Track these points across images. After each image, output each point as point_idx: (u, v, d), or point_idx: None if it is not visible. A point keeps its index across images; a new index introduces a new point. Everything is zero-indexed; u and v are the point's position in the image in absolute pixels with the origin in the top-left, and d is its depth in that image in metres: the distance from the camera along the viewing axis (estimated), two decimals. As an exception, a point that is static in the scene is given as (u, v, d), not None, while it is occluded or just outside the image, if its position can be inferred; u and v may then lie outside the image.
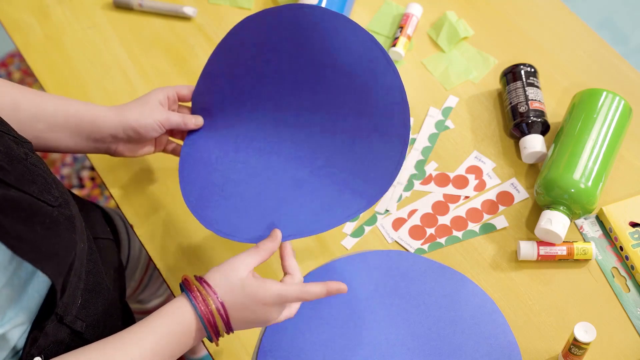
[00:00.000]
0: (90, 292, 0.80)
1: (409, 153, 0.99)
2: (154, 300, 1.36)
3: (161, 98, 0.87)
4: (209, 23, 1.12)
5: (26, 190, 0.67)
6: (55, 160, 1.87)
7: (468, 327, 0.86)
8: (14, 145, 0.71)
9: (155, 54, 1.09)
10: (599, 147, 0.91)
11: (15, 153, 0.70)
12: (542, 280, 0.90)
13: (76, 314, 0.76)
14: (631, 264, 0.89)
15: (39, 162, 0.74)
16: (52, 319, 0.71)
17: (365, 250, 0.92)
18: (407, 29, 1.07)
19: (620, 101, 0.94)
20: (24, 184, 0.68)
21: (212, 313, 0.73)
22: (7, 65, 2.01)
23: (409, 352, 0.85)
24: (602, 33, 1.93)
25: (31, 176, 0.70)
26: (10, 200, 0.65)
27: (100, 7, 1.14)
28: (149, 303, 1.35)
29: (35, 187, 0.69)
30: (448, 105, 1.03)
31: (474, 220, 0.94)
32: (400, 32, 1.07)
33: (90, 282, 0.80)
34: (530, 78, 0.99)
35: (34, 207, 0.68)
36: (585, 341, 0.79)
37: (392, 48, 1.06)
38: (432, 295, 0.88)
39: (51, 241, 0.69)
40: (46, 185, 0.72)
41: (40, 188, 0.70)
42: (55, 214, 0.71)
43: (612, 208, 0.92)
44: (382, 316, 0.87)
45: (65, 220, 0.72)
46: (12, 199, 0.65)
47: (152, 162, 1.00)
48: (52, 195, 0.72)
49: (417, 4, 1.10)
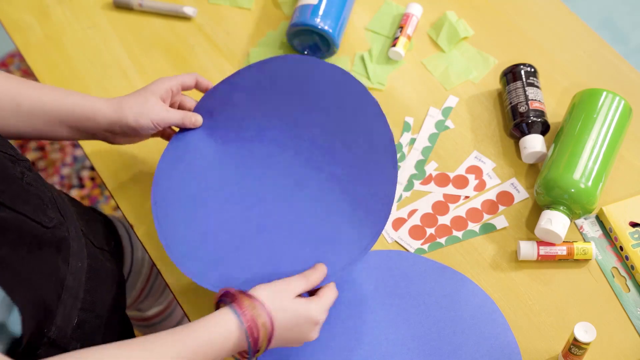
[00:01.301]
0: (87, 312, 0.79)
1: (409, 153, 0.99)
2: (154, 308, 1.35)
3: (163, 92, 0.86)
4: (209, 23, 1.12)
5: (20, 210, 0.66)
6: (56, 161, 1.87)
7: (468, 327, 0.86)
8: (9, 164, 0.70)
9: (155, 54, 1.09)
10: (599, 147, 0.91)
11: (11, 172, 0.69)
12: (542, 280, 0.90)
13: (71, 335, 0.75)
14: (631, 264, 0.89)
15: (35, 182, 0.73)
16: (45, 342, 0.70)
17: (365, 250, 0.92)
18: (407, 29, 1.07)
19: (620, 101, 0.94)
20: (18, 204, 0.67)
21: (258, 327, 0.71)
22: (7, 65, 2.01)
23: (409, 352, 0.85)
24: (602, 33, 1.93)
25: (26, 196, 0.69)
26: (1, 221, 0.64)
27: (100, 7, 1.14)
28: (149, 311, 1.34)
29: (29, 207, 0.68)
30: (448, 105, 1.03)
31: (474, 220, 0.94)
32: (400, 32, 1.07)
33: (88, 300, 0.79)
34: (530, 78, 0.99)
35: (24, 229, 0.66)
36: (585, 341, 0.79)
37: (392, 48, 1.06)
38: (432, 295, 0.88)
39: (32, 266, 0.67)
40: (41, 206, 0.71)
41: (35, 208, 0.69)
42: (48, 236, 0.70)
43: (612, 208, 0.92)
44: (382, 316, 0.87)
45: (56, 243, 0.71)
46: (2, 220, 0.64)
47: (152, 162, 1.00)
48: (47, 215, 0.71)
49: (417, 4, 1.10)
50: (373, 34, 1.10)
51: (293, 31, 1.05)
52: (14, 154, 0.73)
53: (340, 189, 0.85)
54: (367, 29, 1.11)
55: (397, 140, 1.00)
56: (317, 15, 1.03)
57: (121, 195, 0.98)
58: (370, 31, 1.10)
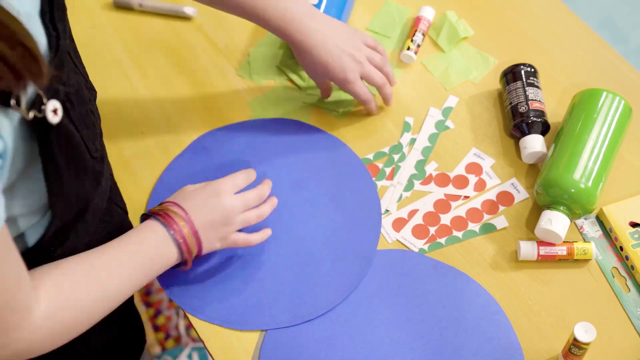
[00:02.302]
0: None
1: (409, 153, 0.99)
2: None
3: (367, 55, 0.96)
4: (209, 23, 1.12)
5: (80, 132, 0.69)
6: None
7: (471, 328, 0.86)
8: (84, 87, 0.73)
9: (155, 54, 1.09)
10: (599, 147, 0.91)
11: (83, 94, 0.72)
12: (542, 280, 0.90)
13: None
14: (631, 264, 0.89)
15: (96, 111, 0.77)
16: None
17: (366, 250, 0.93)
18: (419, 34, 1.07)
19: (620, 101, 0.94)
20: (81, 126, 0.69)
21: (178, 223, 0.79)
22: (7, 65, 2.01)
23: (412, 352, 0.85)
24: (602, 33, 1.92)
25: (88, 121, 0.72)
26: (68, 133, 0.66)
27: (100, 7, 1.14)
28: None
29: (87, 132, 0.71)
30: (448, 105, 1.03)
31: (474, 220, 0.94)
32: (413, 35, 1.07)
33: (94, 240, 0.80)
34: (530, 78, 0.99)
35: (81, 150, 0.69)
36: (585, 341, 0.79)
37: (405, 52, 1.06)
38: (435, 295, 0.88)
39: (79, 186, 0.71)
40: (94, 135, 0.74)
41: (90, 135, 0.72)
42: (90, 164, 0.72)
43: (612, 208, 0.92)
44: (385, 315, 0.87)
45: (94, 174, 0.74)
46: (69, 133, 0.66)
47: (153, 162, 1.00)
48: (95, 146, 0.74)
49: (429, 7, 1.09)
50: (373, 34, 1.10)
51: (293, 31, 1.05)
52: (88, 80, 0.77)
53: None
54: (367, 29, 1.11)
55: (397, 140, 1.00)
56: (317, 15, 1.03)
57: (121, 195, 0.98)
58: (370, 31, 1.10)
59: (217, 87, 1.06)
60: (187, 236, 0.80)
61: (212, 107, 1.04)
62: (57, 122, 0.63)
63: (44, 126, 0.62)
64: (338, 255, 0.91)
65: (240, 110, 1.04)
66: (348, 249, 0.91)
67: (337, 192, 0.95)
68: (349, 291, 0.88)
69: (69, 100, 0.66)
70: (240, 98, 1.05)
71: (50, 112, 0.62)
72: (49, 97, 0.62)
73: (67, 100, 0.66)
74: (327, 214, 0.94)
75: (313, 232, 0.92)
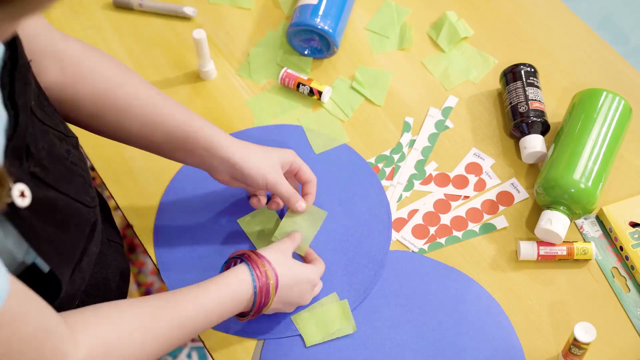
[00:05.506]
0: (90, 296, 0.80)
1: (409, 153, 0.99)
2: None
3: (284, 161, 0.87)
4: (209, 23, 1.12)
5: (63, 190, 0.66)
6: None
7: (473, 329, 0.86)
8: (57, 142, 0.70)
9: (155, 54, 1.09)
10: (599, 147, 0.91)
11: (57, 151, 0.69)
12: (542, 280, 0.90)
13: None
14: (631, 264, 0.89)
15: (79, 161, 0.73)
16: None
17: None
18: None
19: (620, 101, 0.94)
20: (62, 184, 0.67)
21: (269, 288, 0.78)
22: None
23: (413, 353, 0.85)
24: (602, 33, 1.92)
25: (70, 176, 0.69)
26: (47, 202, 0.64)
27: (100, 7, 1.14)
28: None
29: (72, 187, 0.68)
30: (448, 105, 1.03)
31: (474, 220, 0.94)
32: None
33: (91, 285, 0.79)
34: (530, 78, 0.99)
35: (70, 208, 0.67)
36: (585, 341, 0.79)
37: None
38: (437, 296, 0.88)
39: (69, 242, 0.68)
40: (84, 185, 0.71)
41: (78, 188, 0.70)
42: (90, 215, 0.71)
43: (612, 208, 0.92)
44: (387, 316, 0.87)
45: (92, 224, 0.72)
46: (49, 200, 0.64)
47: (152, 162, 1.00)
48: (89, 195, 0.72)
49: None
50: (373, 34, 1.10)
51: (293, 31, 1.05)
52: (64, 131, 0.73)
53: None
54: (367, 29, 1.11)
55: (398, 141, 1.00)
56: (317, 15, 1.03)
57: (121, 195, 0.98)
58: (370, 31, 1.10)
59: (217, 86, 1.06)
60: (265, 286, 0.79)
61: (212, 106, 1.04)
62: (27, 204, 0.60)
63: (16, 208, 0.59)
64: (350, 260, 0.90)
65: (240, 110, 1.04)
66: (360, 254, 0.91)
67: (346, 197, 0.95)
68: (364, 295, 0.88)
69: (41, 165, 0.63)
70: (240, 97, 1.05)
71: (18, 198, 0.58)
72: (14, 180, 0.58)
73: (39, 168, 0.63)
74: (337, 220, 0.93)
75: (324, 238, 0.92)
